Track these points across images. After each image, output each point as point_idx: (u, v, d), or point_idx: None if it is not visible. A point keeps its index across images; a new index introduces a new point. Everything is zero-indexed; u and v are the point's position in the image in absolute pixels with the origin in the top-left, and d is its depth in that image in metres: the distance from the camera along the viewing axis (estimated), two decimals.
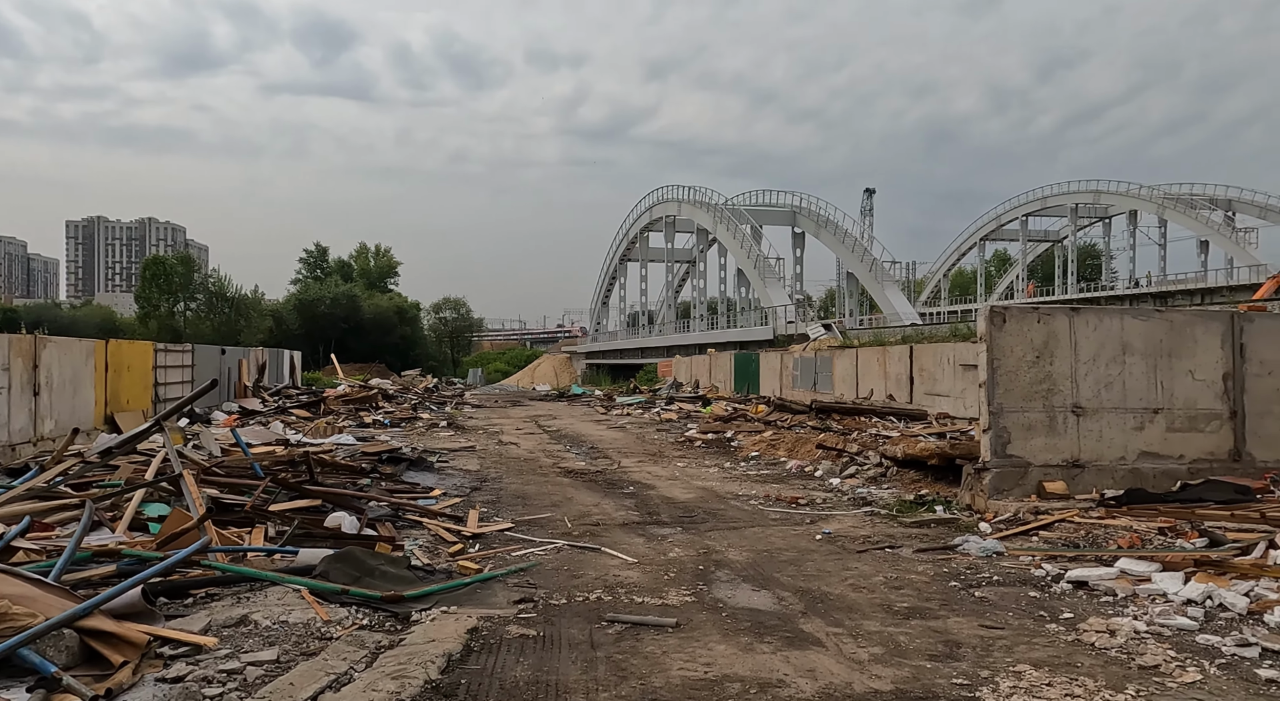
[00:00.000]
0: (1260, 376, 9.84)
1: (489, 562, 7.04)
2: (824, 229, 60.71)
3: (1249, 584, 5.83)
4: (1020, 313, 9.54)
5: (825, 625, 5.49)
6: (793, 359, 30.53)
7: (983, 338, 9.49)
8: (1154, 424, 9.67)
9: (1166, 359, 9.71)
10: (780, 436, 16.33)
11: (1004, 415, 9.42)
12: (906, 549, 7.81)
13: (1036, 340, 9.51)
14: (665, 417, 23.78)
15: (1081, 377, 9.56)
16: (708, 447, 16.75)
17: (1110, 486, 9.46)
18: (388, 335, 76.50)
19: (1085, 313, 9.63)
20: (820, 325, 42.54)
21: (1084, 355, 9.57)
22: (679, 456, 15.41)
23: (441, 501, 9.56)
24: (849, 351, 26.62)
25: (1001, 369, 9.44)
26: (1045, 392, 9.49)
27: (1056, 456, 9.48)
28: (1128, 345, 9.65)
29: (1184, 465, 9.66)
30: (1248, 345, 9.82)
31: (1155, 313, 9.78)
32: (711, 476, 12.86)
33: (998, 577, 6.68)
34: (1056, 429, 9.50)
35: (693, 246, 71.46)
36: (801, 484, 12.05)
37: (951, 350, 20.91)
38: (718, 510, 9.87)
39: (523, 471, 13.13)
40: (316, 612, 5.15)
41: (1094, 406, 9.57)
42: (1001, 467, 9.35)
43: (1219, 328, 9.83)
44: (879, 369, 24.23)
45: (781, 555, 7.57)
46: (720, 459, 15.03)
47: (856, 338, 34.52)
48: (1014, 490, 9.34)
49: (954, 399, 20.60)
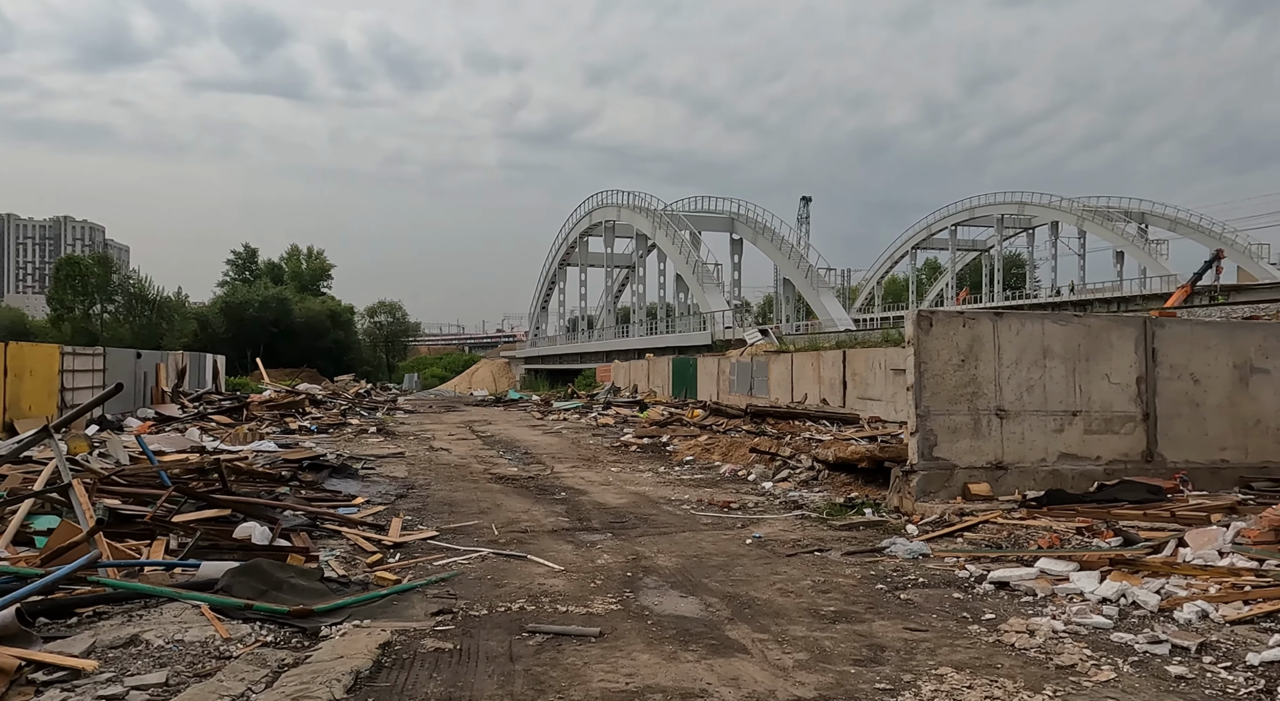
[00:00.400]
0: (1170, 380, 10.19)
1: (409, 573, 6.78)
2: (761, 236, 61.45)
3: (1160, 581, 5.96)
4: (946, 317, 9.69)
5: (751, 631, 5.40)
6: (729, 364, 30.72)
7: (910, 342, 9.61)
8: (1073, 426, 9.92)
9: (1084, 363, 9.97)
10: (715, 441, 16.33)
11: (930, 418, 9.54)
12: (835, 552, 7.81)
13: (962, 344, 9.67)
14: (602, 422, 23.62)
15: (1005, 381, 9.75)
16: (643, 452, 16.65)
17: (1032, 487, 9.66)
18: (320, 339, 74.60)
19: (1008, 317, 9.84)
20: (757, 330, 42.98)
21: (1007, 359, 9.77)
22: (613, 461, 15.27)
23: (364, 510, 9.22)
24: (784, 356, 26.90)
25: (928, 372, 9.56)
26: (970, 396, 9.65)
27: (981, 458, 9.64)
28: (1048, 349, 9.88)
29: (1100, 466, 9.93)
30: (1159, 350, 10.17)
31: (1074, 318, 10.05)
32: (645, 481, 12.75)
33: (923, 579, 6.71)
34: (981, 431, 9.66)
35: (632, 252, 71.57)
36: (735, 488, 12.03)
37: (883, 355, 21.28)
38: (649, 515, 9.76)
39: (452, 478, 12.81)
40: (216, 630, 4.84)
41: (1016, 409, 9.76)
42: (928, 470, 9.47)
43: (1133, 333, 10.15)
44: (813, 374, 24.52)
45: (711, 560, 7.48)
46: (655, 463, 14.94)
47: (792, 343, 34.94)
48: (940, 492, 9.47)
49: (885, 403, 20.95)
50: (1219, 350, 10.36)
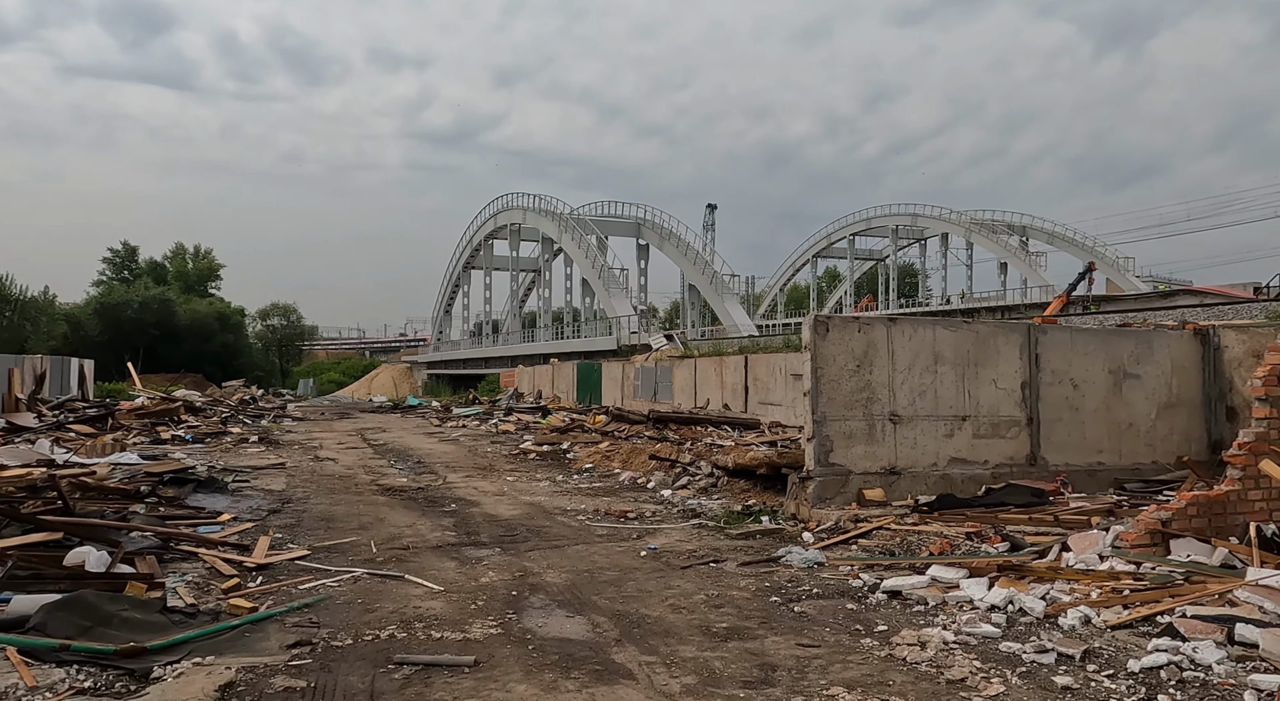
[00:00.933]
0: (1053, 385, 10.50)
1: (270, 599, 6.18)
2: (668, 242, 61.76)
3: (1045, 587, 5.98)
4: (842, 322, 9.68)
5: (639, 653, 5.10)
6: (634, 369, 30.55)
7: (807, 347, 9.55)
8: (962, 431, 10.07)
9: (973, 368, 10.15)
10: (616, 447, 16.04)
11: (827, 423, 9.50)
12: (731, 562, 7.62)
13: (857, 349, 9.68)
14: (502, 429, 23.01)
15: (898, 386, 9.81)
16: (542, 460, 16.20)
17: (924, 492, 9.75)
18: (207, 343, 70.59)
19: (902, 323, 9.92)
20: (662, 336, 43.05)
21: (900, 364, 9.84)
22: (510, 470, 14.77)
23: (228, 528, 8.47)
24: (688, 361, 26.91)
25: (825, 377, 9.52)
26: (865, 401, 9.67)
27: (875, 464, 9.67)
28: (939, 355, 10.01)
29: (988, 470, 10.13)
30: (1042, 355, 10.46)
31: (964, 324, 10.23)
32: (542, 490, 12.33)
33: (817, 590, 6.57)
34: (876, 437, 9.69)
35: (538, 256, 70.80)
36: (633, 496, 11.75)
37: (783, 360, 21.49)
38: (542, 527, 9.36)
39: (335, 490, 12.06)
40: (21, 677, 4.19)
41: (909, 414, 9.84)
42: (824, 476, 9.42)
43: (1018, 339, 10.41)
44: (716, 379, 24.59)
45: (603, 575, 7.15)
46: (554, 472, 14.53)
47: (696, 348, 35.08)
48: (836, 498, 9.43)
49: (786, 408, 21.15)
50: (1096, 356, 10.75)
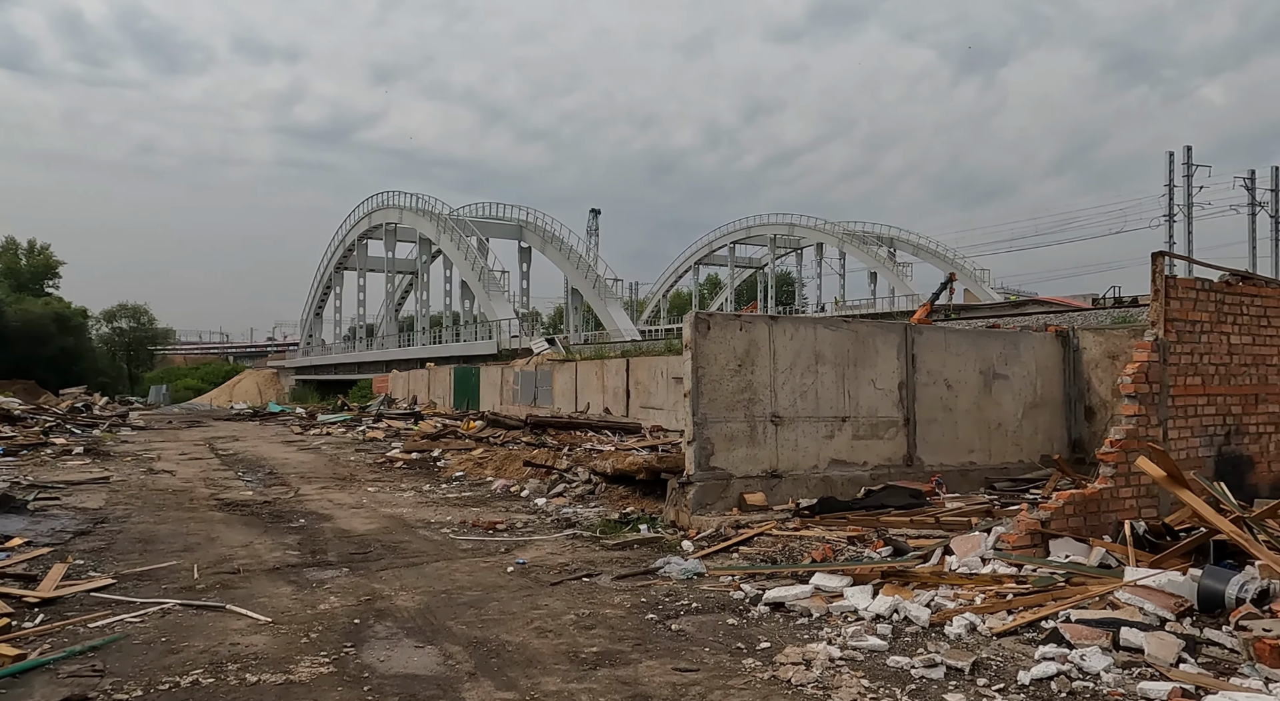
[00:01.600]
0: (928, 385, 10.52)
1: (49, 641, 5.14)
2: (550, 245, 60.94)
3: (930, 593, 5.72)
4: (724, 320, 9.33)
5: (495, 689, 4.45)
6: (514, 373, 29.65)
7: (688, 346, 9.13)
8: (842, 432, 9.91)
9: (853, 368, 10.02)
10: (490, 454, 15.23)
11: (708, 426, 9.11)
12: (605, 576, 7.06)
13: (739, 348, 9.34)
14: (370, 436, 21.67)
15: (780, 386, 9.54)
16: (409, 468, 15.18)
17: (805, 495, 9.51)
18: (42, 347, 64.19)
19: (783, 322, 9.66)
20: (544, 339, 42.22)
21: (782, 364, 9.57)
22: (373, 479, 13.70)
23: (16, 555, 7.21)
24: (569, 365, 26.27)
25: (706, 377, 9.13)
26: (747, 402, 9.34)
27: (757, 467, 9.35)
28: (820, 355, 9.82)
29: (867, 471, 10.01)
30: (918, 356, 10.46)
31: (844, 323, 10.10)
32: (405, 501, 11.40)
33: (697, 604, 6.10)
34: (757, 439, 9.38)
35: (415, 257, 68.38)
36: (505, 506, 11.02)
37: (665, 363, 21.19)
38: (401, 543, 8.52)
39: (164, 506, 10.73)
40: None
41: (791, 415, 9.59)
42: (705, 481, 9.01)
43: (895, 339, 10.37)
44: (598, 382, 24.06)
45: (463, 595, 6.44)
46: (421, 481, 13.57)
47: (579, 352, 34.49)
48: (717, 503, 9.04)
49: (667, 411, 20.85)
50: (968, 357, 10.86)
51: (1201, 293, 6.72)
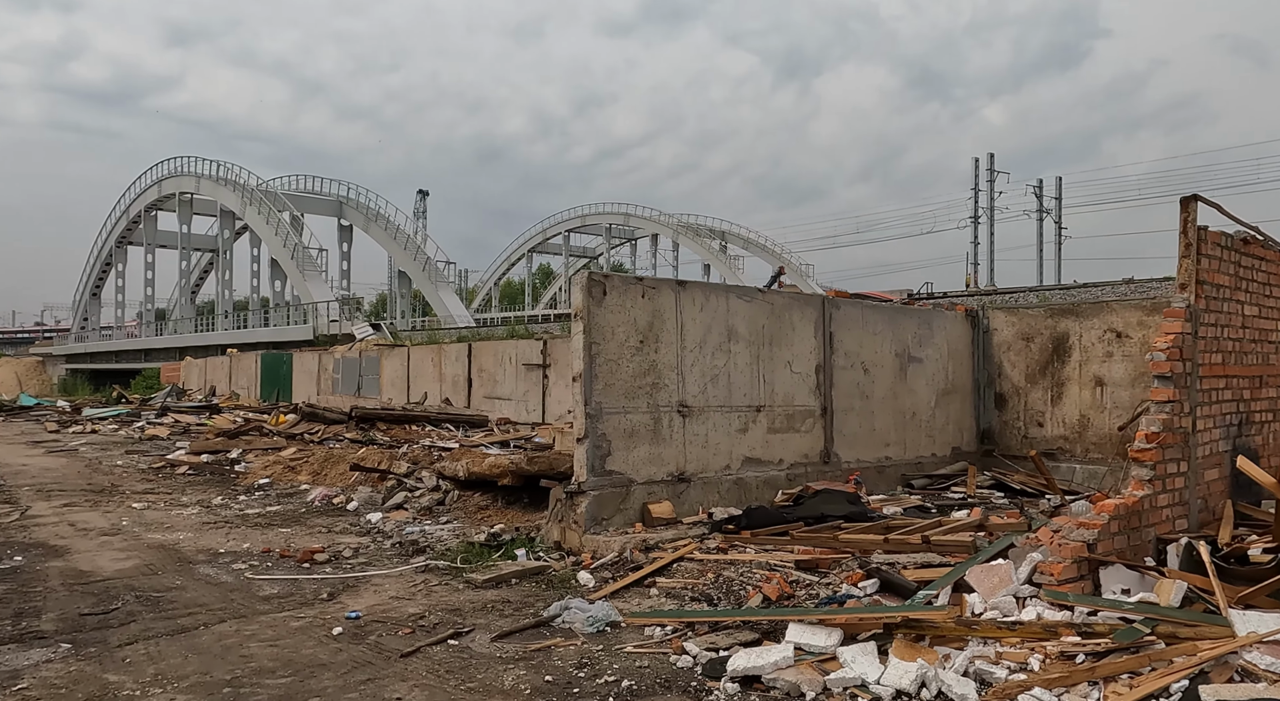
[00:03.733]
0: (845, 369, 9.08)
1: None
2: (375, 223, 56.29)
3: (961, 653, 4.06)
4: (623, 284, 7.34)
5: None
6: (334, 360, 26.18)
7: (579, 315, 7.07)
8: (757, 424, 8.24)
9: (769, 348, 8.37)
10: (306, 454, 12.42)
11: (603, 418, 7.10)
12: (481, 633, 4.92)
13: (641, 320, 7.41)
14: (150, 434, 17.86)
15: (688, 369, 7.71)
16: (197, 474, 12.06)
17: (717, 502, 7.75)
18: None
19: (692, 288, 7.82)
20: (368, 324, 38.40)
21: (690, 341, 7.74)
22: (145, 491, 10.58)
23: None
24: (400, 351, 23.32)
25: (602, 356, 7.12)
26: (650, 388, 7.43)
27: (662, 469, 7.46)
28: (733, 330, 8.08)
29: (783, 470, 8.40)
30: (836, 334, 8.99)
31: (759, 294, 8.41)
32: (186, 522, 8.57)
33: (630, 682, 4.12)
34: (662, 434, 7.49)
35: (217, 232, 61.10)
36: (326, 525, 8.48)
37: (514, 348, 18.94)
38: (168, 591, 5.91)
39: None
40: None
41: (701, 404, 7.78)
42: (601, 489, 7.01)
43: (813, 314, 8.83)
44: (434, 370, 21.38)
45: (260, 689, 4.09)
46: (211, 491, 10.62)
47: (409, 338, 31.29)
48: (615, 517, 7.07)
49: (516, 402, 18.64)
50: (884, 336, 9.54)
51: (1225, 251, 5.54)
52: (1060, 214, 65.73)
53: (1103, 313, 9.31)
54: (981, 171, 64.34)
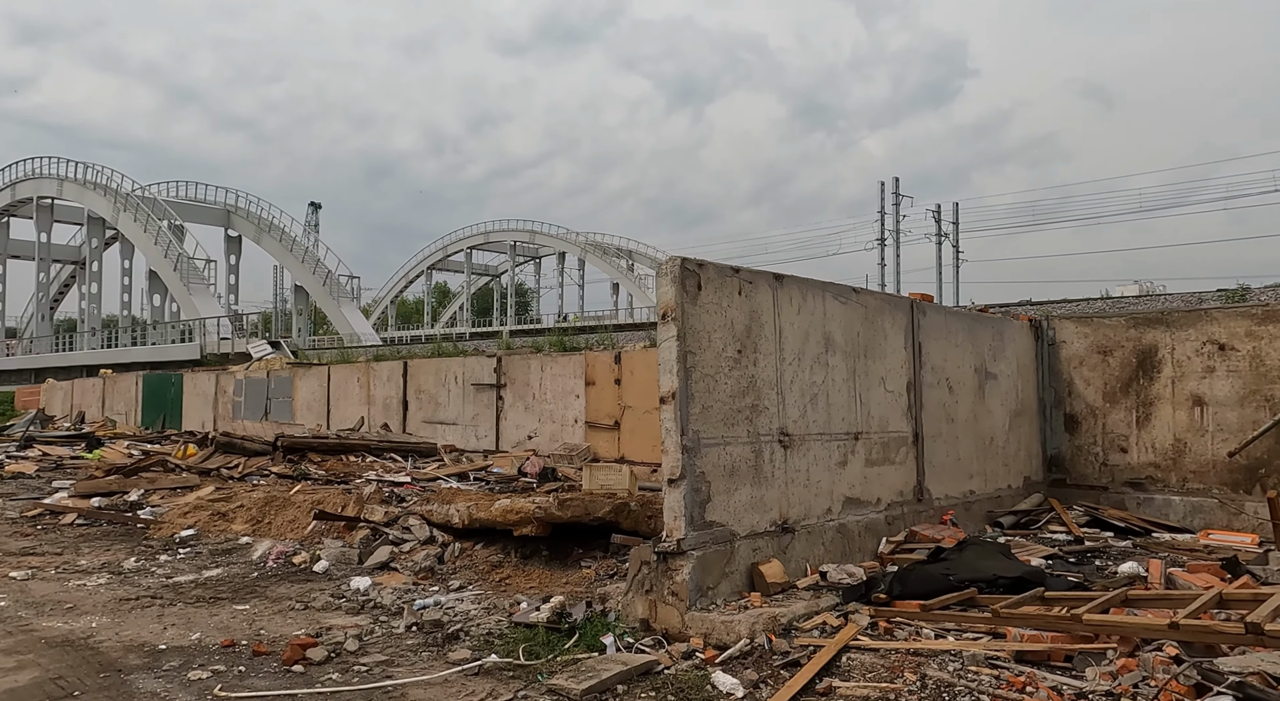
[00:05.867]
0: (932, 387, 7.68)
1: None
2: (268, 234, 52.20)
3: None
4: (719, 276, 5.66)
5: None
6: (235, 381, 23.13)
7: (670, 314, 5.35)
8: (855, 456, 6.69)
9: (864, 360, 6.86)
10: (230, 495, 10.04)
11: (701, 452, 5.38)
12: None
13: (738, 323, 5.76)
14: (14, 470, 14.71)
15: (788, 386, 6.09)
16: (92, 524, 9.49)
17: (822, 556, 6.14)
18: None
19: (789, 285, 6.22)
20: (266, 343, 34.93)
21: (789, 351, 6.14)
22: (23, 552, 8.03)
23: None
24: (317, 371, 20.67)
25: (697, 371, 5.41)
26: (750, 411, 5.76)
27: (764, 517, 5.79)
28: (830, 339, 6.53)
29: (881, 512, 6.88)
30: (924, 345, 7.58)
31: (853, 293, 6.88)
32: (97, 598, 6.25)
33: None
34: (763, 472, 5.83)
35: (83, 242, 55.30)
36: (298, 596, 6.34)
37: (460, 366, 16.82)
38: None
39: None
40: None
41: (801, 432, 6.17)
42: (704, 548, 5.27)
43: (903, 320, 7.39)
44: (361, 392, 18.91)
45: None
46: (119, 548, 8.18)
47: (318, 357, 28.34)
48: (721, 584, 5.34)
49: (463, 427, 16.51)
50: (965, 349, 8.22)
51: None
52: (958, 238, 68.04)
53: (1200, 322, 8.30)
54: (887, 195, 65.82)
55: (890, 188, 65.72)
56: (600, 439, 14.27)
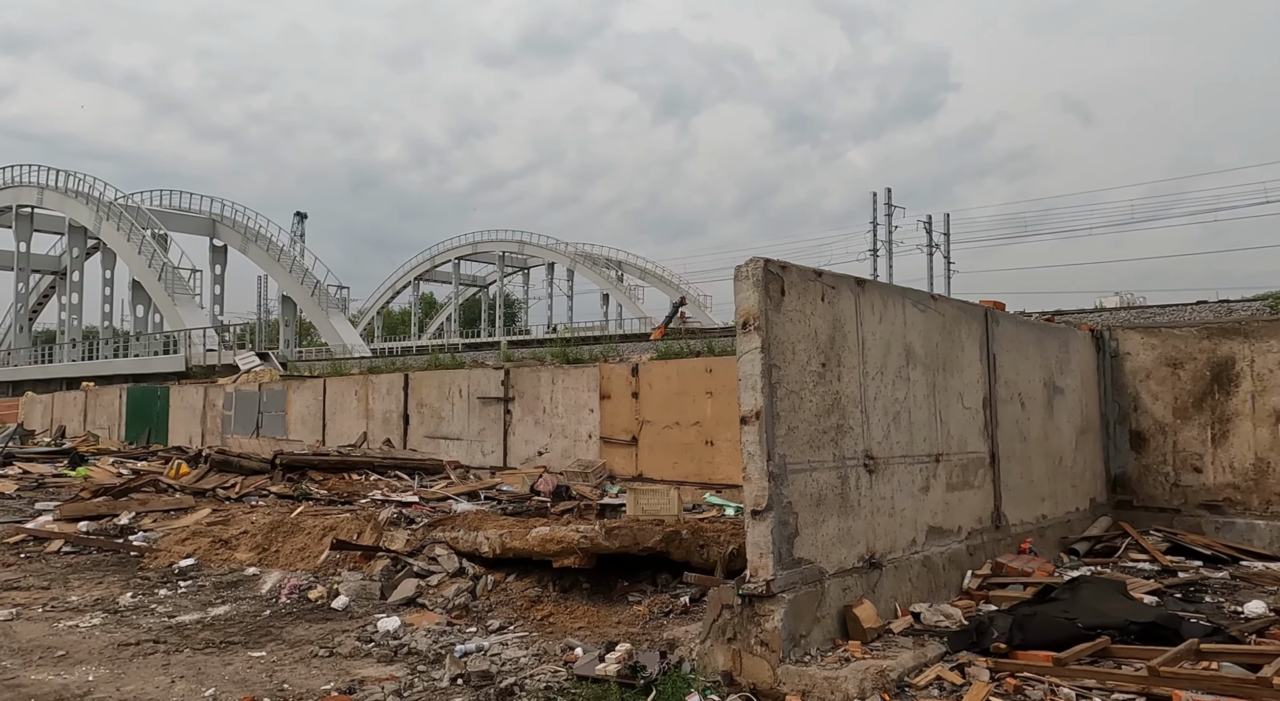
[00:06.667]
0: (1006, 402, 7.08)
1: None
2: (254, 244, 51.22)
3: None
4: (802, 280, 5.04)
5: None
6: (224, 394, 22.28)
7: (753, 323, 4.72)
8: (936, 479, 6.07)
9: (942, 374, 6.26)
10: (231, 518, 9.31)
11: (788, 479, 4.74)
12: None
13: (822, 333, 5.13)
14: None
15: (871, 403, 5.47)
16: (81, 552, 8.71)
17: (909, 594, 5.50)
18: None
19: (871, 291, 5.61)
20: (254, 354, 34.01)
21: (872, 364, 5.52)
22: (7, 584, 7.25)
23: None
24: (312, 384, 19.87)
25: (782, 386, 4.78)
26: (834, 432, 5.13)
27: (851, 552, 5.15)
28: (910, 350, 5.92)
29: (962, 542, 6.25)
30: (998, 356, 6.99)
31: (930, 301, 6.28)
32: (92, 644, 5.51)
33: None
34: (849, 500, 5.19)
35: (64, 252, 54.13)
36: (320, 639, 5.62)
37: (465, 379, 16.11)
38: None
39: None
40: None
41: (885, 454, 5.55)
42: (794, 589, 4.62)
43: (978, 330, 6.80)
44: (359, 406, 18.14)
45: None
46: (113, 581, 7.42)
47: (309, 368, 27.49)
48: (814, 631, 4.69)
49: (468, 442, 15.78)
50: (1034, 361, 7.64)
51: None
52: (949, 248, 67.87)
53: None
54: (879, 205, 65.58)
55: (883, 198, 65.48)
56: (616, 455, 13.59)
